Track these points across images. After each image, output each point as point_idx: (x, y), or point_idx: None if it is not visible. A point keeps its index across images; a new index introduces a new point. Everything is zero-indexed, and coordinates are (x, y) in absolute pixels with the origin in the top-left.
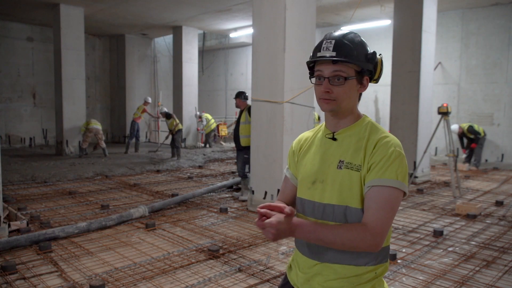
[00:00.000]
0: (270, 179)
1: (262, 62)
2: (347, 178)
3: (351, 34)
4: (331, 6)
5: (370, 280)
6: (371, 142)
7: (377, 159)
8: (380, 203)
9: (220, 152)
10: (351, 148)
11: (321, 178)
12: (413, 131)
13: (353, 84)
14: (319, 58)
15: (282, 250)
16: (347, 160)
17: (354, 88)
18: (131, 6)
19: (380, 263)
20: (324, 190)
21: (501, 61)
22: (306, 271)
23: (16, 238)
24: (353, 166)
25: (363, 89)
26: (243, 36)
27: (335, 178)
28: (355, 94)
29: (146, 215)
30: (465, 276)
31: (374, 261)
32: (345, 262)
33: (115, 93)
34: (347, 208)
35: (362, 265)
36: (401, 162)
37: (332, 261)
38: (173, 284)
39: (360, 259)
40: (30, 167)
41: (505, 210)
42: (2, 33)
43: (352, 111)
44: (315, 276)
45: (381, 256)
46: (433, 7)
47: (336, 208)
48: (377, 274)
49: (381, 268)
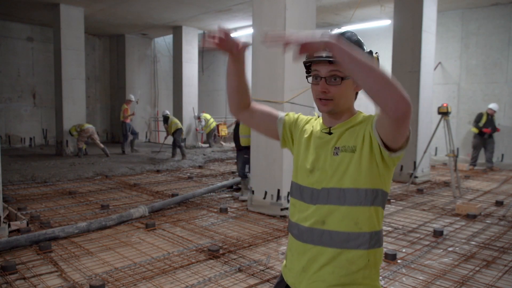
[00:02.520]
0: (270, 179)
1: (262, 62)
2: (344, 160)
3: (347, 33)
4: (331, 6)
5: (361, 268)
6: (360, 123)
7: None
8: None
9: (220, 152)
10: (345, 135)
11: (318, 166)
12: (413, 131)
13: (350, 84)
14: (315, 58)
15: (282, 250)
16: (342, 145)
17: (351, 87)
18: (131, 6)
19: (372, 248)
20: (322, 176)
21: (501, 61)
22: (300, 258)
23: (16, 238)
24: (347, 148)
25: (359, 88)
26: (243, 36)
27: (332, 164)
28: (352, 93)
29: (146, 215)
30: (465, 276)
31: (367, 245)
32: (336, 246)
33: (115, 93)
34: (344, 191)
35: (354, 248)
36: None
37: (324, 244)
38: (173, 284)
39: (352, 242)
40: (30, 167)
41: (505, 210)
42: (2, 33)
43: (349, 110)
44: (309, 264)
45: (374, 240)
46: (433, 7)
47: (331, 192)
48: (370, 262)
49: (373, 254)
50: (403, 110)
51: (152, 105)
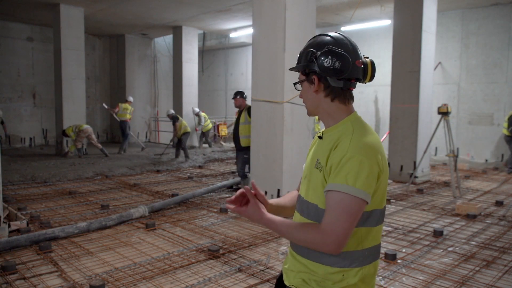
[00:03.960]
0: (270, 179)
1: (262, 62)
2: (317, 177)
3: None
4: (331, 6)
5: (336, 282)
6: (335, 144)
7: (333, 162)
8: (332, 206)
9: (220, 152)
10: (325, 148)
11: (307, 175)
12: (413, 131)
13: (305, 87)
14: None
15: (282, 250)
16: (320, 160)
17: (308, 90)
18: (131, 6)
19: (348, 267)
20: (308, 187)
21: (501, 61)
22: (290, 258)
23: (16, 238)
24: (320, 167)
25: (315, 88)
26: (243, 36)
27: (312, 176)
28: (313, 96)
29: (146, 215)
30: (465, 276)
31: (341, 263)
32: (312, 259)
33: (115, 93)
34: (317, 207)
35: (329, 265)
36: (352, 167)
37: (302, 255)
38: (173, 284)
39: (325, 258)
40: (30, 167)
41: (505, 210)
42: (2, 33)
43: (326, 112)
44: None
45: (349, 260)
46: (433, 7)
47: (310, 206)
48: (344, 277)
49: (349, 272)
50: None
51: (152, 105)
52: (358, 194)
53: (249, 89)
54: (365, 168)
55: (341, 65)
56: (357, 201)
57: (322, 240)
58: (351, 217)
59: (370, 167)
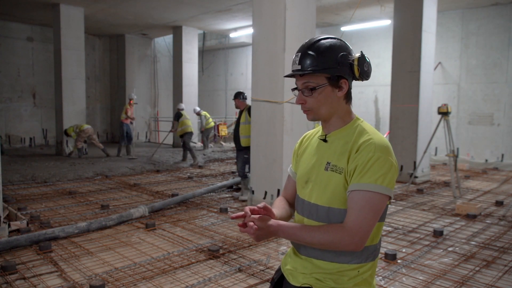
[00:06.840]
0: (270, 179)
1: (262, 62)
2: (331, 180)
3: (318, 42)
4: (331, 6)
5: (352, 278)
6: (356, 145)
7: (358, 163)
8: (359, 205)
9: (220, 152)
10: (338, 150)
11: (311, 178)
12: (413, 131)
13: (327, 91)
14: (290, 74)
15: (282, 250)
16: (333, 162)
17: (330, 94)
18: (131, 6)
19: (364, 262)
20: (313, 190)
21: (501, 61)
22: (295, 259)
23: (16, 238)
24: (337, 169)
25: (342, 92)
26: (243, 36)
27: (322, 179)
28: (334, 100)
29: (146, 215)
30: (465, 276)
31: (358, 259)
32: (327, 259)
33: (115, 93)
34: (330, 209)
35: (345, 263)
36: (381, 166)
37: (315, 257)
38: (173, 284)
39: (342, 257)
40: (30, 167)
41: (505, 210)
42: (2, 33)
43: (338, 115)
44: (301, 268)
45: (365, 255)
46: (433, 7)
47: (319, 209)
48: (360, 272)
49: (364, 267)
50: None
51: (152, 105)
52: (386, 191)
53: (249, 89)
54: (392, 167)
55: (370, 68)
56: (384, 198)
57: (350, 239)
58: (377, 214)
59: (395, 166)
